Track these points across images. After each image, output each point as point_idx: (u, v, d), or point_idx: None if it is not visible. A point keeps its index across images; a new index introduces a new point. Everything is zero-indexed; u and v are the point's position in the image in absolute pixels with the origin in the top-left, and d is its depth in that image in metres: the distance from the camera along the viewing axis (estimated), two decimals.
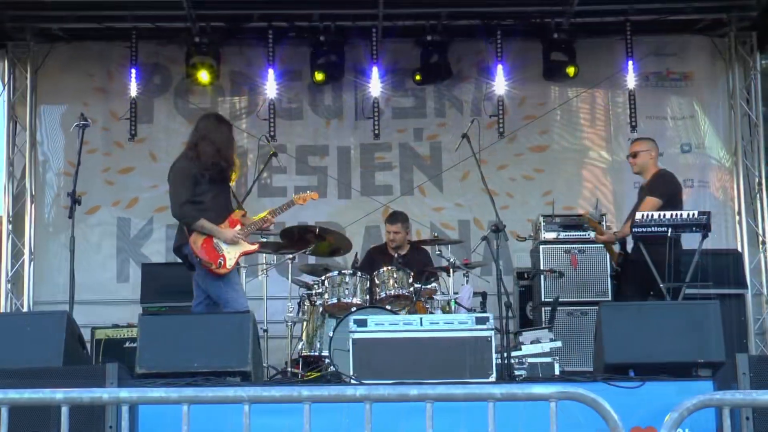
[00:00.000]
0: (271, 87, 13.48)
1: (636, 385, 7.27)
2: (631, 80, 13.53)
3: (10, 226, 13.61)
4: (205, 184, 9.21)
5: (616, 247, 10.66)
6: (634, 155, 10.47)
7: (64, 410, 4.17)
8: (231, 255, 9.12)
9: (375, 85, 13.48)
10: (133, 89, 13.44)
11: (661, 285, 9.24)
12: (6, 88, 13.81)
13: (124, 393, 4.27)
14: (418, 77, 13.74)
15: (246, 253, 9.43)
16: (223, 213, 9.27)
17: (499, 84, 13.52)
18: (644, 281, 9.77)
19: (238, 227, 9.26)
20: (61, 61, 13.97)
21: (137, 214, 13.32)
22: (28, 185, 13.65)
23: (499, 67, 13.51)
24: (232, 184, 9.70)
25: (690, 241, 9.95)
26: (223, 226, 9.17)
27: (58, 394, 4.16)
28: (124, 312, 12.41)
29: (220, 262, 9.09)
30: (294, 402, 4.23)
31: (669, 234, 9.35)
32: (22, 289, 13.45)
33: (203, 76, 13.36)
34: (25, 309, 13.18)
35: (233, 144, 9.63)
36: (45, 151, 13.91)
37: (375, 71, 13.48)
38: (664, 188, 10.16)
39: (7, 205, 13.63)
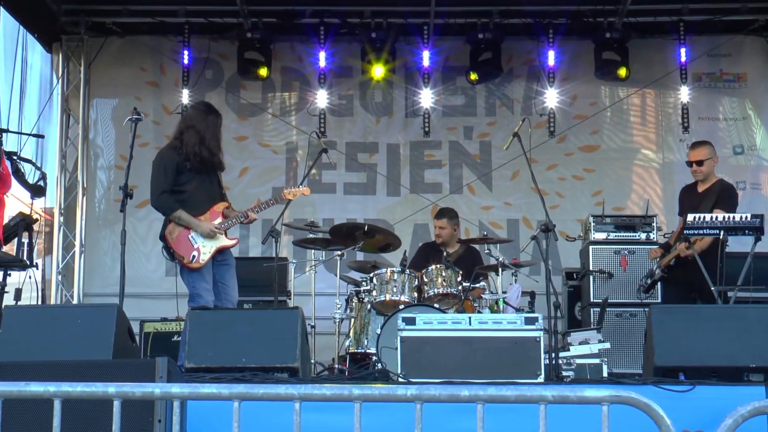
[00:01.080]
0: (321, 83, 13.54)
1: (686, 389, 7.18)
2: (683, 81, 13.47)
3: (61, 219, 13.74)
4: (187, 173, 9.19)
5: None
6: (700, 163, 10.27)
7: (116, 404, 4.19)
8: (206, 249, 9.10)
9: (425, 83, 13.52)
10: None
11: (713, 288, 9.16)
12: (60, 81, 13.94)
13: (176, 388, 4.28)
14: (474, 76, 13.68)
15: (223, 248, 9.26)
16: (205, 204, 9.23)
17: (550, 83, 13.51)
18: (688, 284, 9.72)
19: (218, 220, 9.21)
20: (113, 55, 14.10)
21: None
22: (80, 178, 13.78)
23: (551, 66, 13.50)
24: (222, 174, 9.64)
25: (738, 243, 9.86)
26: (203, 217, 9.14)
27: (111, 387, 4.19)
28: (172, 306, 12.43)
29: (194, 256, 9.08)
30: (344, 401, 4.23)
31: (720, 236, 9.27)
32: (73, 281, 13.58)
33: (262, 71, 13.48)
34: (75, 301, 13.30)
35: (219, 134, 9.50)
36: (97, 144, 14.02)
37: (426, 68, 13.50)
38: (733, 203, 10.03)
39: (59, 198, 13.77)
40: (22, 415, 5.93)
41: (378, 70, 13.49)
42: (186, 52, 13.62)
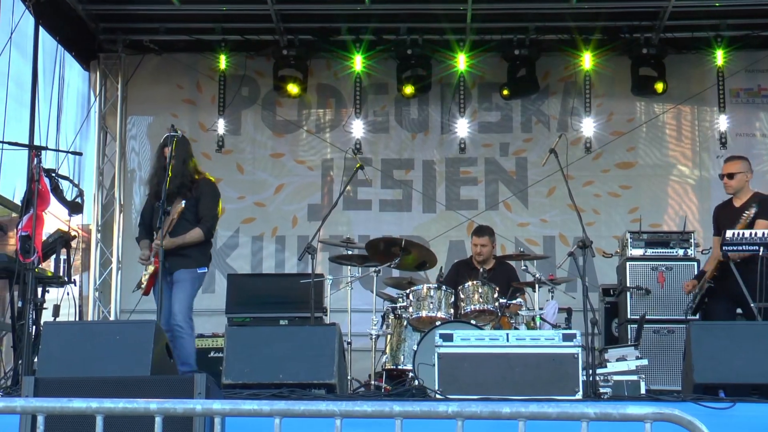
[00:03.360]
0: (357, 100, 13.58)
1: (726, 406, 7.13)
2: (721, 96, 13.42)
3: (98, 235, 13.81)
4: (152, 205, 9.52)
5: None
6: (730, 176, 10.19)
7: (158, 420, 4.21)
8: (145, 277, 9.41)
9: (461, 99, 13.52)
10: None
11: (752, 305, 9.10)
12: (97, 98, 14.03)
13: (217, 405, 4.29)
14: (505, 92, 13.68)
15: (153, 273, 9.37)
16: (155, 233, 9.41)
17: (587, 98, 13.49)
18: (732, 297, 9.61)
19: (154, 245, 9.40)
20: (150, 72, 14.19)
21: (223, 225, 13.28)
22: (117, 195, 13.85)
23: (587, 83, 13.47)
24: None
25: None
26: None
27: (152, 404, 4.20)
28: (209, 322, 12.46)
29: (141, 286, 9.48)
30: (385, 417, 4.22)
31: (761, 253, 9.19)
32: (110, 297, 13.64)
33: (293, 89, 13.49)
34: (113, 317, 13.35)
35: (158, 158, 9.70)
36: (134, 161, 14.10)
37: (462, 85, 13.51)
38: None
39: (97, 215, 13.85)
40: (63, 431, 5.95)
41: (411, 87, 13.56)
42: (222, 70, 13.72)
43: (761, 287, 9.06)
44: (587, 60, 13.46)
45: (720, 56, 13.42)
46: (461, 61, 13.53)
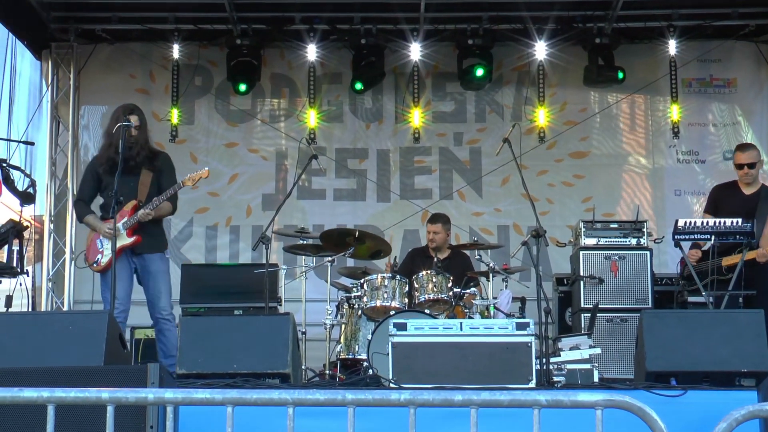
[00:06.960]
0: (311, 89, 13.53)
1: (678, 394, 7.18)
2: (673, 86, 13.48)
3: (51, 226, 13.70)
4: (107, 178, 9.22)
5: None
6: (751, 166, 10.02)
7: (110, 409, 4.19)
8: (108, 251, 9.11)
9: (415, 89, 13.51)
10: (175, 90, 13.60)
11: (703, 294, 9.17)
12: (49, 88, 13.91)
13: (169, 394, 4.28)
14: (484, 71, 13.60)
15: (124, 247, 9.20)
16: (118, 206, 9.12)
17: (540, 88, 13.51)
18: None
19: (125, 219, 9.17)
20: (103, 62, 14.09)
21: (177, 215, 13.05)
22: (69, 185, 13.71)
23: (540, 72, 13.49)
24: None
25: None
26: (110, 220, 8.98)
27: (104, 393, 4.18)
28: None
29: (98, 259, 9.27)
30: (338, 405, 4.23)
31: (712, 241, 9.26)
32: (63, 288, 13.53)
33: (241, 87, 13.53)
34: (66, 308, 13.25)
35: (113, 134, 9.18)
36: (87, 151, 13.98)
37: (416, 75, 13.50)
38: None
39: (49, 205, 13.73)
40: (14, 422, 5.92)
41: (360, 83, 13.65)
42: (175, 59, 13.64)
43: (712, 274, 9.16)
44: (542, 50, 13.44)
45: (672, 46, 13.48)
46: (415, 51, 13.51)
